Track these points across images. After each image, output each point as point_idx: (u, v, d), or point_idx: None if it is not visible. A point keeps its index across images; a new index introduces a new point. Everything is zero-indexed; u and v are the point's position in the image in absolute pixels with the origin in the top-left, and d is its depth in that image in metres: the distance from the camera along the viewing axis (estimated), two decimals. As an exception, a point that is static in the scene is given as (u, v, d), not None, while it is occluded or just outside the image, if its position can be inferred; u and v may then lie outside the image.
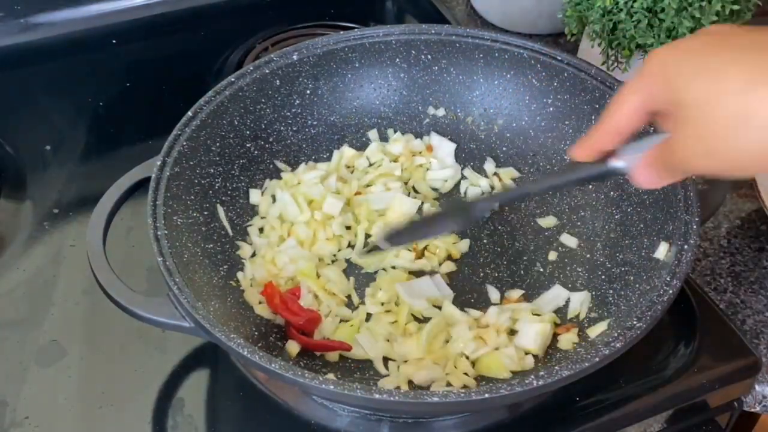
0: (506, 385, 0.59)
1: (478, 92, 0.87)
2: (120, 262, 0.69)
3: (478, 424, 0.70)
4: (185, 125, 0.76)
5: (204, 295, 0.67)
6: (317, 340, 0.71)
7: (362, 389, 0.58)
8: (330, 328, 0.73)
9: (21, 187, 0.89)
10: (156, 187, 0.71)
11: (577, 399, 0.71)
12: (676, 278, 0.65)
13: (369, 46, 0.86)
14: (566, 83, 0.82)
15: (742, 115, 0.46)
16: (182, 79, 1.03)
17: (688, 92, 0.49)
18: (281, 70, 0.83)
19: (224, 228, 0.78)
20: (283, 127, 0.85)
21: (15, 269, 0.80)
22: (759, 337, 0.78)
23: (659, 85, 0.51)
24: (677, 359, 0.74)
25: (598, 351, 0.60)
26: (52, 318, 0.76)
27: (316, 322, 0.72)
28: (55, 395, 0.71)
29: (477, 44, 0.85)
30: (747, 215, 0.89)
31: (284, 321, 0.72)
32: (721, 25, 0.51)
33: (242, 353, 0.60)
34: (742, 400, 0.77)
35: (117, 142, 0.95)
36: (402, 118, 0.89)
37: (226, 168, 0.80)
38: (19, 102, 1.00)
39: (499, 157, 0.87)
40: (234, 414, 0.70)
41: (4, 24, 1.05)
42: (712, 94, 0.47)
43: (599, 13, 0.87)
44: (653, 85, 0.52)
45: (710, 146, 0.48)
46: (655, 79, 0.51)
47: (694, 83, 0.48)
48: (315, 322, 0.72)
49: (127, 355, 0.73)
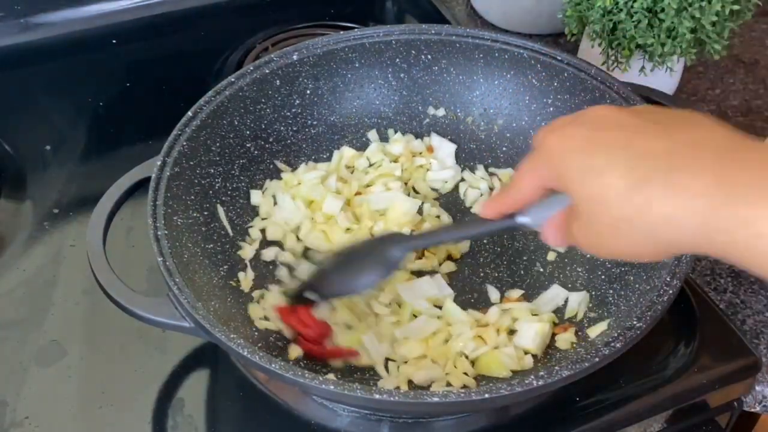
0: (506, 385, 0.59)
1: (478, 92, 0.87)
2: (120, 262, 0.69)
3: (478, 424, 0.70)
4: (185, 125, 0.76)
5: (204, 295, 0.67)
6: (327, 348, 0.70)
7: (362, 389, 0.58)
8: (338, 336, 0.72)
9: (21, 187, 0.89)
10: (156, 187, 0.71)
11: (577, 399, 0.71)
12: (676, 278, 0.65)
13: (369, 46, 0.86)
14: (566, 83, 0.82)
15: (626, 217, 0.48)
16: (182, 79, 1.03)
17: (576, 189, 0.50)
18: (281, 70, 0.83)
19: (224, 228, 0.78)
20: (283, 127, 0.85)
21: (15, 269, 0.80)
22: (759, 337, 0.78)
23: (551, 173, 0.53)
24: (677, 359, 0.74)
25: (598, 351, 0.60)
26: (52, 318, 0.76)
27: (327, 333, 0.71)
28: (55, 395, 0.71)
29: (477, 44, 0.85)
30: (747, 215, 0.89)
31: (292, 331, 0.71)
32: (605, 108, 0.52)
33: (242, 353, 0.60)
34: (742, 400, 0.77)
35: (117, 142, 0.95)
36: (402, 118, 0.89)
37: (226, 168, 0.80)
38: (19, 102, 1.00)
39: (498, 157, 0.87)
40: (234, 414, 0.70)
41: (4, 24, 1.05)
42: (598, 193, 0.49)
43: (599, 13, 0.87)
44: (546, 171, 0.54)
45: (599, 241, 0.51)
46: (546, 167, 0.53)
47: (583, 181, 0.50)
48: (326, 334, 0.71)
49: (127, 355, 0.73)
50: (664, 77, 0.95)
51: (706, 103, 1.03)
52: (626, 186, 0.47)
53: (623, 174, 0.47)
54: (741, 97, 1.04)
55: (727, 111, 1.02)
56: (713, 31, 0.86)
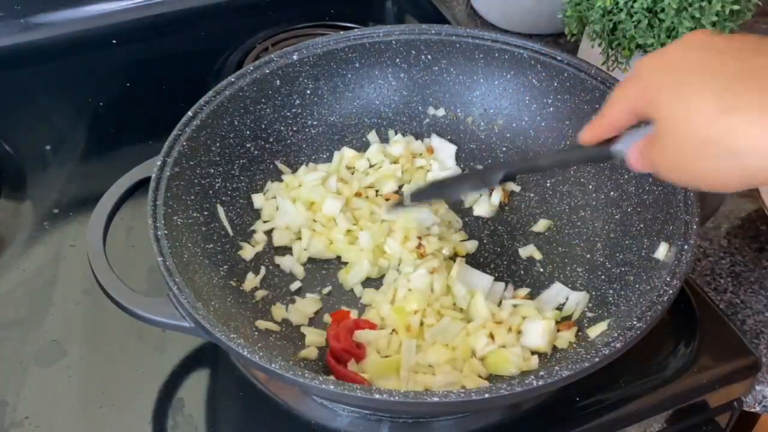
0: (506, 385, 0.59)
1: (478, 92, 0.87)
2: (120, 262, 0.69)
3: (478, 424, 0.70)
4: (185, 125, 0.76)
5: (204, 295, 0.67)
6: (346, 371, 0.69)
7: (362, 389, 0.58)
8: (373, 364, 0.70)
9: (21, 187, 0.89)
10: (156, 187, 0.71)
11: (577, 399, 0.71)
12: (676, 278, 0.65)
13: (369, 46, 0.86)
14: (566, 83, 0.82)
15: (712, 140, 0.48)
16: (182, 79, 1.03)
17: (665, 109, 0.51)
18: (281, 70, 0.83)
19: (224, 228, 0.78)
20: (283, 128, 0.85)
21: (15, 269, 0.80)
22: (759, 337, 0.78)
23: (642, 95, 0.54)
24: (677, 359, 0.74)
25: (598, 351, 0.60)
26: (52, 318, 0.76)
27: (358, 358, 0.70)
28: (55, 395, 0.71)
29: (477, 44, 0.85)
30: (747, 215, 0.89)
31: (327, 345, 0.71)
32: (704, 33, 0.53)
33: (242, 353, 0.60)
34: (742, 400, 0.77)
35: (117, 142, 0.95)
36: (402, 118, 0.89)
37: (226, 168, 0.80)
38: (19, 102, 1.00)
39: (498, 157, 0.87)
40: (234, 414, 0.70)
41: (4, 24, 1.05)
42: (684, 114, 0.49)
43: (599, 13, 0.87)
44: (637, 94, 0.54)
45: (680, 162, 0.51)
46: (639, 89, 0.54)
47: (671, 101, 0.50)
48: (358, 358, 0.70)
49: (127, 355, 0.73)
50: (664, 77, 0.95)
51: (706, 103, 1.03)
52: (715, 108, 0.47)
53: (713, 96, 0.47)
54: (741, 97, 1.04)
55: (727, 111, 1.02)
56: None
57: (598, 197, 0.80)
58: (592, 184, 0.81)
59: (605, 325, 0.69)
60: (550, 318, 0.72)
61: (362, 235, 0.79)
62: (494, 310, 0.74)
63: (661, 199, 0.72)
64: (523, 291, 0.76)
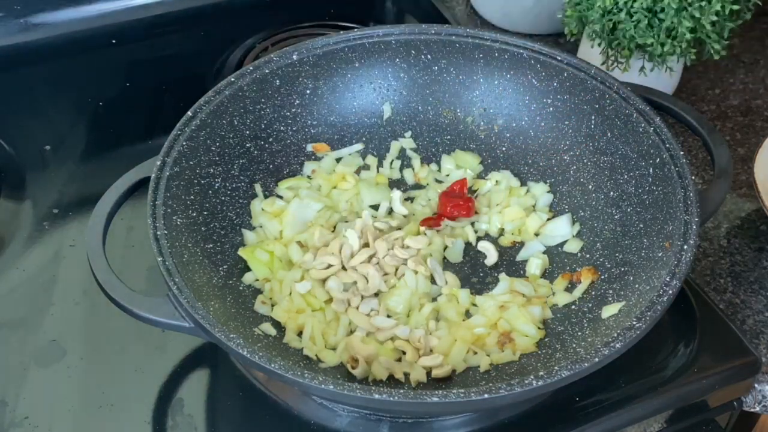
0: (506, 385, 0.59)
1: (478, 92, 0.87)
2: (120, 262, 0.69)
3: (478, 424, 0.70)
4: (185, 125, 0.76)
5: (204, 295, 0.67)
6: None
7: (362, 389, 0.58)
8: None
9: (21, 187, 0.89)
10: (156, 187, 0.71)
11: (577, 399, 0.71)
12: (676, 278, 0.65)
13: (369, 46, 0.86)
14: (566, 83, 0.82)
15: None
16: (182, 79, 1.03)
17: None
18: (281, 70, 0.83)
19: (224, 228, 0.78)
20: (283, 127, 0.85)
21: (15, 269, 0.80)
22: (759, 337, 0.78)
23: None
24: (677, 359, 0.74)
25: (597, 351, 0.61)
26: (52, 318, 0.76)
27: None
28: (54, 395, 0.71)
29: (477, 44, 0.85)
30: (747, 215, 0.89)
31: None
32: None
33: (242, 353, 0.60)
34: (742, 400, 0.77)
35: (117, 142, 0.95)
36: (402, 118, 0.89)
37: (226, 168, 0.80)
38: (19, 102, 1.00)
39: (498, 157, 0.87)
40: (234, 414, 0.70)
41: (4, 24, 1.05)
42: None
43: (599, 13, 0.87)
44: None
45: None
46: None
47: None
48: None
49: (127, 355, 0.73)
50: (663, 77, 0.95)
51: (706, 103, 1.03)
52: None
53: None
54: (741, 97, 1.04)
55: (727, 111, 1.02)
56: (713, 31, 0.86)
57: (598, 197, 0.80)
58: (592, 184, 0.81)
59: (617, 308, 0.69)
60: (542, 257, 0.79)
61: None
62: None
63: (661, 199, 0.72)
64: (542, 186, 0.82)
